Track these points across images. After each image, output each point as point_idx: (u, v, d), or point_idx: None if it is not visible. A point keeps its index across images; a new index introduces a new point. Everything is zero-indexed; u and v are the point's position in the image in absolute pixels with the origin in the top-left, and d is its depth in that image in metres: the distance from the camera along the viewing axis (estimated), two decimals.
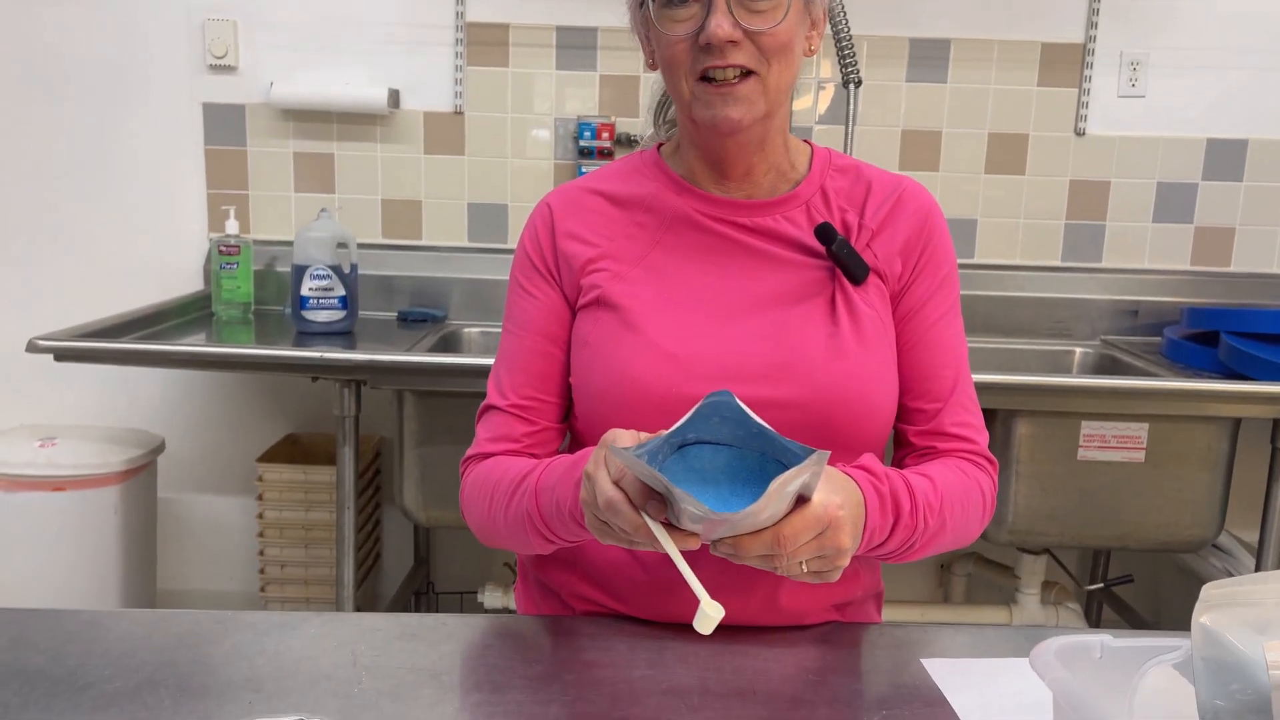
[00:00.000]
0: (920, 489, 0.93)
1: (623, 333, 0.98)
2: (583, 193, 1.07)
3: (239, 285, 2.28)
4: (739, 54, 0.94)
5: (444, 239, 2.45)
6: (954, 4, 2.36)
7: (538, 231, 1.06)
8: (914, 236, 1.04)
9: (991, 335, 2.41)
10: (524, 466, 0.97)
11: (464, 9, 2.35)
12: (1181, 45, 2.37)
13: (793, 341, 0.98)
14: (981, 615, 2.27)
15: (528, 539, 0.96)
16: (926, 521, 0.92)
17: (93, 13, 2.34)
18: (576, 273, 1.03)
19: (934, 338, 1.03)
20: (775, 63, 0.95)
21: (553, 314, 1.04)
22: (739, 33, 0.93)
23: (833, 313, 0.99)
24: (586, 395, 1.01)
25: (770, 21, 0.94)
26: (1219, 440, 1.89)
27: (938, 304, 1.04)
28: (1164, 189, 2.43)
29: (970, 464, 1.02)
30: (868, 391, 0.98)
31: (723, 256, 1.02)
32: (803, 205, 1.03)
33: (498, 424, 1.04)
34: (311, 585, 2.36)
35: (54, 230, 2.42)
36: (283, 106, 2.36)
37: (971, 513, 0.99)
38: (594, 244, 1.03)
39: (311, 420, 2.50)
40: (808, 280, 1.00)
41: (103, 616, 0.93)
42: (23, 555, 2.17)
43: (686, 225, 1.03)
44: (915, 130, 2.42)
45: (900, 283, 1.03)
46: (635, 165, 1.08)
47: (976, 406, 1.06)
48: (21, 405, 2.45)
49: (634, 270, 1.01)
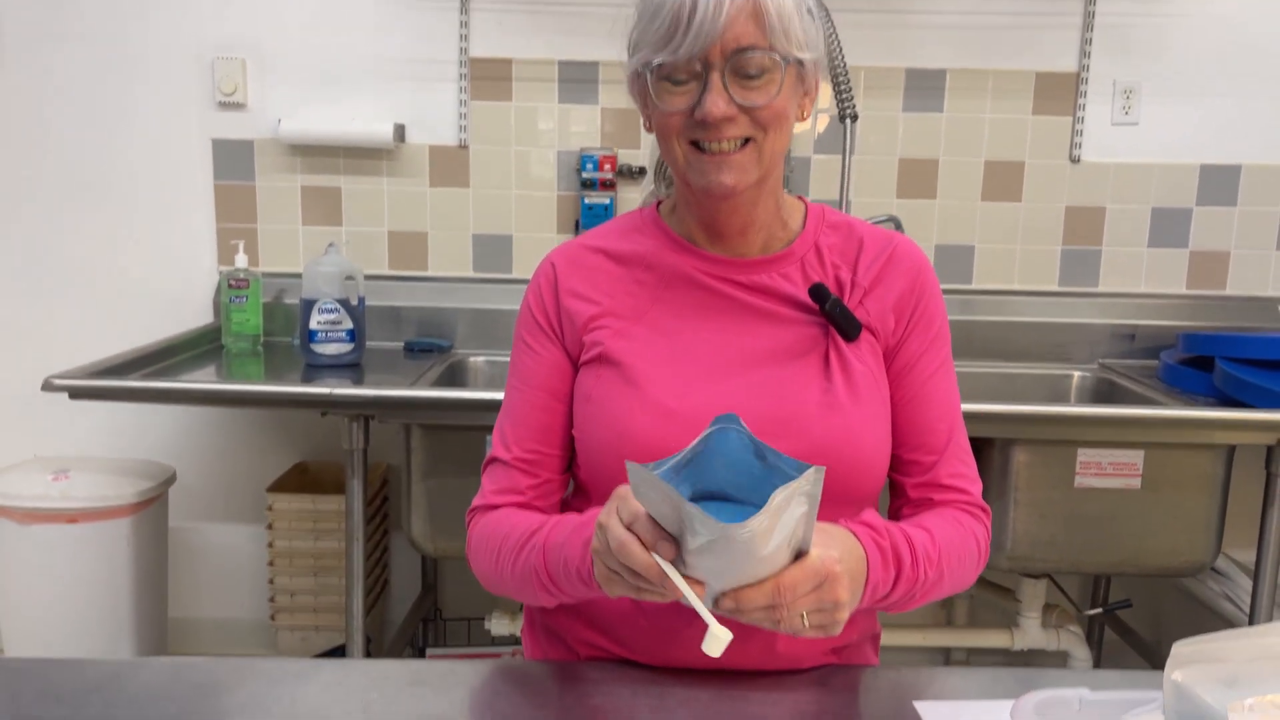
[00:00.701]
0: (920, 542, 0.96)
1: (623, 388, 1.01)
2: (584, 250, 1.10)
3: (248, 318, 2.32)
4: (733, 128, 0.97)
5: (450, 270, 2.49)
6: (949, 35, 2.40)
7: (541, 290, 1.09)
8: (906, 294, 1.06)
9: (991, 360, 2.44)
10: (531, 522, 1.00)
11: (468, 45, 2.40)
12: (1173, 73, 2.41)
13: (788, 396, 1.01)
14: (983, 639, 2.29)
15: (534, 593, 0.99)
16: (926, 573, 0.95)
17: (105, 52, 2.39)
18: (579, 329, 1.06)
19: (928, 393, 1.06)
20: (771, 131, 0.98)
21: (555, 370, 1.07)
22: (734, 109, 0.96)
23: (827, 368, 1.02)
24: (588, 448, 1.04)
25: (765, 97, 0.96)
26: (1214, 466, 1.92)
27: (931, 359, 1.07)
28: (1159, 214, 2.47)
29: (966, 515, 1.05)
30: (861, 445, 1.01)
31: (720, 313, 1.05)
32: (797, 262, 1.06)
33: (502, 477, 1.07)
34: (321, 613, 2.39)
35: (67, 264, 2.47)
36: (291, 142, 2.40)
37: (967, 563, 1.02)
38: (596, 301, 1.06)
39: (320, 449, 2.54)
40: (802, 337, 1.03)
41: (123, 667, 0.96)
42: (37, 587, 2.21)
43: (685, 283, 1.06)
44: (912, 159, 2.45)
45: (893, 339, 1.06)
46: (635, 223, 1.12)
47: (970, 457, 1.09)
48: (35, 437, 2.49)
49: (635, 327, 1.05)
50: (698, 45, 0.94)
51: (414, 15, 2.39)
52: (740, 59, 0.95)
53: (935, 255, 2.48)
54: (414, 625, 2.46)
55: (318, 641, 2.40)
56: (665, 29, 0.95)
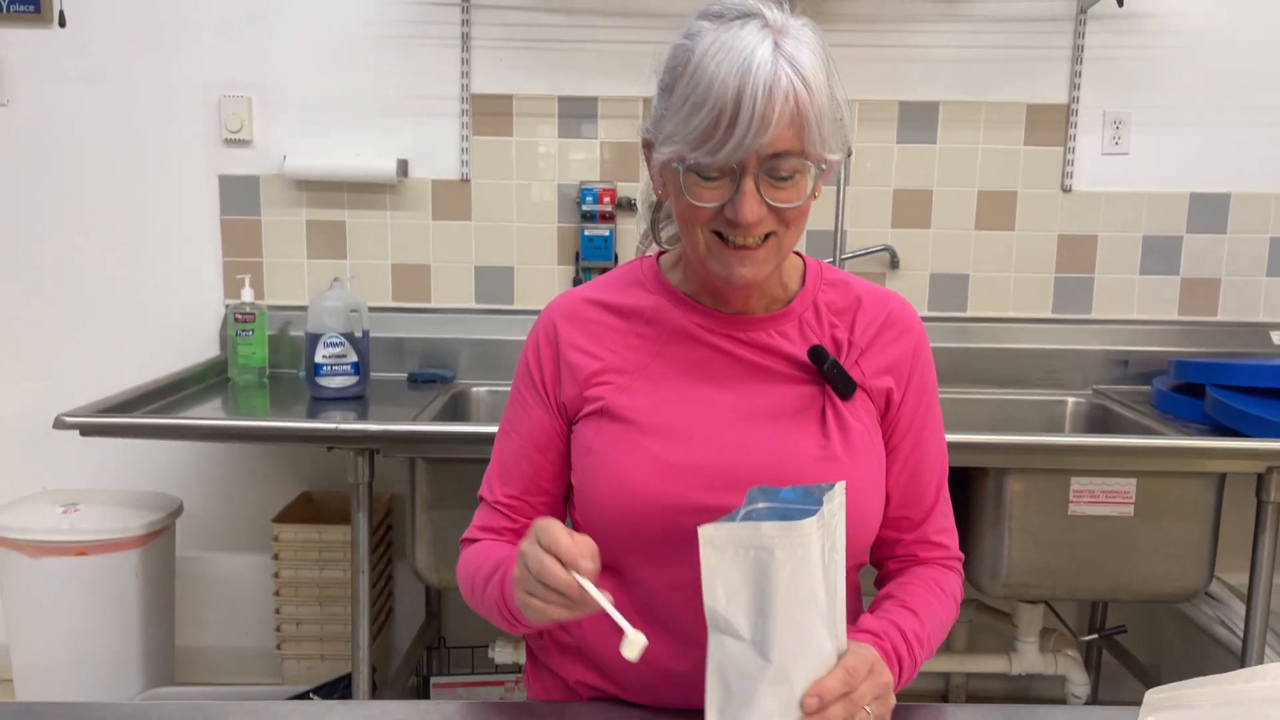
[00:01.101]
0: (911, 630, 1.01)
1: (625, 442, 1.04)
2: (585, 304, 1.12)
3: (254, 351, 2.36)
4: (760, 227, 0.98)
5: (452, 301, 2.53)
6: (941, 69, 2.45)
7: (540, 346, 1.11)
8: (901, 357, 1.09)
9: (986, 386, 2.48)
10: (499, 556, 1.05)
11: (469, 81, 2.44)
12: (1161, 104, 2.45)
13: (785, 452, 1.03)
14: (981, 664, 2.32)
15: (502, 623, 1.03)
16: (918, 657, 1.02)
17: (115, 91, 2.44)
18: (581, 384, 1.08)
19: (921, 453, 1.10)
20: (793, 226, 1.00)
21: (540, 428, 1.10)
22: (765, 211, 0.96)
23: (823, 425, 1.04)
24: (588, 500, 1.06)
25: (795, 198, 0.97)
26: (1206, 493, 1.95)
27: (924, 420, 1.10)
28: (1150, 242, 2.51)
29: (946, 572, 1.11)
30: (855, 501, 1.02)
31: (720, 369, 1.07)
32: (795, 321, 1.09)
33: (486, 515, 1.13)
34: (326, 642, 2.42)
35: (76, 297, 2.51)
36: (295, 177, 2.45)
37: (948, 625, 1.09)
38: (598, 356, 1.08)
39: (325, 479, 2.57)
40: (800, 394, 1.06)
41: (143, 709, 0.99)
42: (47, 618, 2.24)
43: (686, 339, 1.08)
44: (907, 189, 2.50)
45: (887, 399, 1.09)
46: (636, 276, 1.13)
47: (950, 509, 1.15)
48: (45, 470, 2.53)
49: (637, 381, 1.06)
50: (739, 153, 0.93)
51: (416, 53, 2.44)
52: (775, 163, 0.95)
53: (930, 284, 2.52)
54: (418, 654, 2.48)
55: (323, 670, 2.42)
56: (705, 128, 0.93)
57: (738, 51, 0.92)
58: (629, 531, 1.01)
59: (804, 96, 0.93)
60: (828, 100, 0.95)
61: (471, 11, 2.42)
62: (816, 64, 0.95)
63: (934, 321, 2.47)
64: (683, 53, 0.97)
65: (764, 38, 0.93)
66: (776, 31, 0.94)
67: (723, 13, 0.97)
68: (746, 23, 0.95)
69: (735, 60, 0.92)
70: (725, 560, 0.81)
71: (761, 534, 0.80)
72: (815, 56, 0.95)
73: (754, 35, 0.93)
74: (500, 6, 2.42)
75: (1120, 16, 2.41)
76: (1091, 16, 2.42)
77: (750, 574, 0.81)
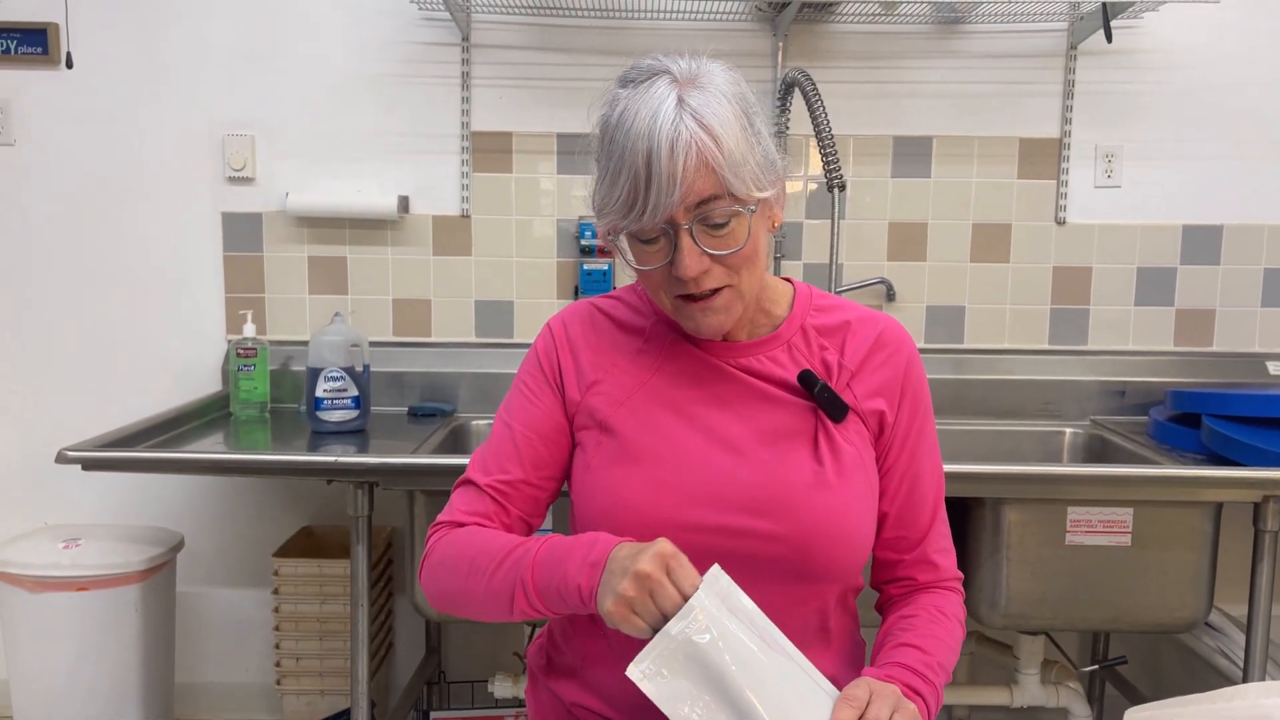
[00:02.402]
0: (918, 662, 1.01)
1: (619, 460, 1.06)
2: (594, 310, 1.16)
3: (256, 386, 2.37)
4: (710, 279, 1.00)
5: (453, 335, 2.55)
6: (935, 104, 2.48)
7: (553, 342, 1.13)
8: (893, 378, 1.11)
9: (984, 418, 2.49)
10: (511, 538, 1.02)
11: (469, 119, 2.48)
12: (1153, 138, 2.48)
13: (778, 476, 1.04)
14: (983, 696, 2.31)
15: (507, 608, 0.99)
16: (936, 682, 1.02)
17: (121, 130, 2.48)
18: (583, 389, 1.10)
19: (916, 472, 1.11)
20: (745, 271, 1.02)
21: (549, 419, 1.11)
22: (707, 261, 0.99)
23: (816, 449, 1.06)
24: (586, 514, 1.08)
25: (735, 244, 0.99)
26: (1203, 523, 1.95)
27: (918, 439, 1.11)
28: (1144, 273, 2.53)
29: (948, 594, 1.12)
30: (847, 525, 1.04)
31: (715, 390, 1.09)
32: (784, 345, 1.11)
33: (474, 499, 1.09)
34: (327, 677, 2.41)
35: (79, 332, 2.53)
36: (298, 214, 2.48)
37: (957, 647, 1.09)
38: (600, 365, 1.11)
39: (325, 513, 2.58)
40: (793, 417, 1.08)
41: None
42: (47, 654, 2.23)
43: (683, 357, 1.11)
44: (902, 222, 2.52)
45: (880, 421, 1.10)
46: (637, 293, 1.17)
47: (948, 528, 1.14)
48: (46, 505, 2.54)
49: (634, 395, 1.09)
50: (659, 213, 0.96)
51: (417, 92, 2.48)
52: (704, 210, 0.97)
53: (926, 316, 2.54)
54: (418, 688, 2.47)
55: (322, 706, 2.41)
56: (625, 198, 0.97)
57: (643, 117, 0.95)
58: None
59: (708, 145, 0.94)
60: (742, 140, 0.97)
61: (471, 51, 2.46)
62: (725, 109, 0.96)
63: (931, 353, 2.48)
64: (604, 123, 1.00)
65: (668, 94, 0.95)
66: (683, 84, 0.97)
67: (634, 77, 1.00)
68: (654, 82, 0.97)
69: (641, 125, 0.95)
70: (666, 682, 0.83)
71: (671, 636, 0.81)
72: (724, 101, 0.96)
73: (659, 94, 0.96)
74: (500, 46, 2.47)
75: (1111, 52, 2.45)
76: (1082, 53, 2.46)
77: (696, 675, 0.82)
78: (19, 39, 2.45)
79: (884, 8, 2.34)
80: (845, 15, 2.42)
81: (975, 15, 2.43)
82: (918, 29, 2.46)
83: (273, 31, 2.46)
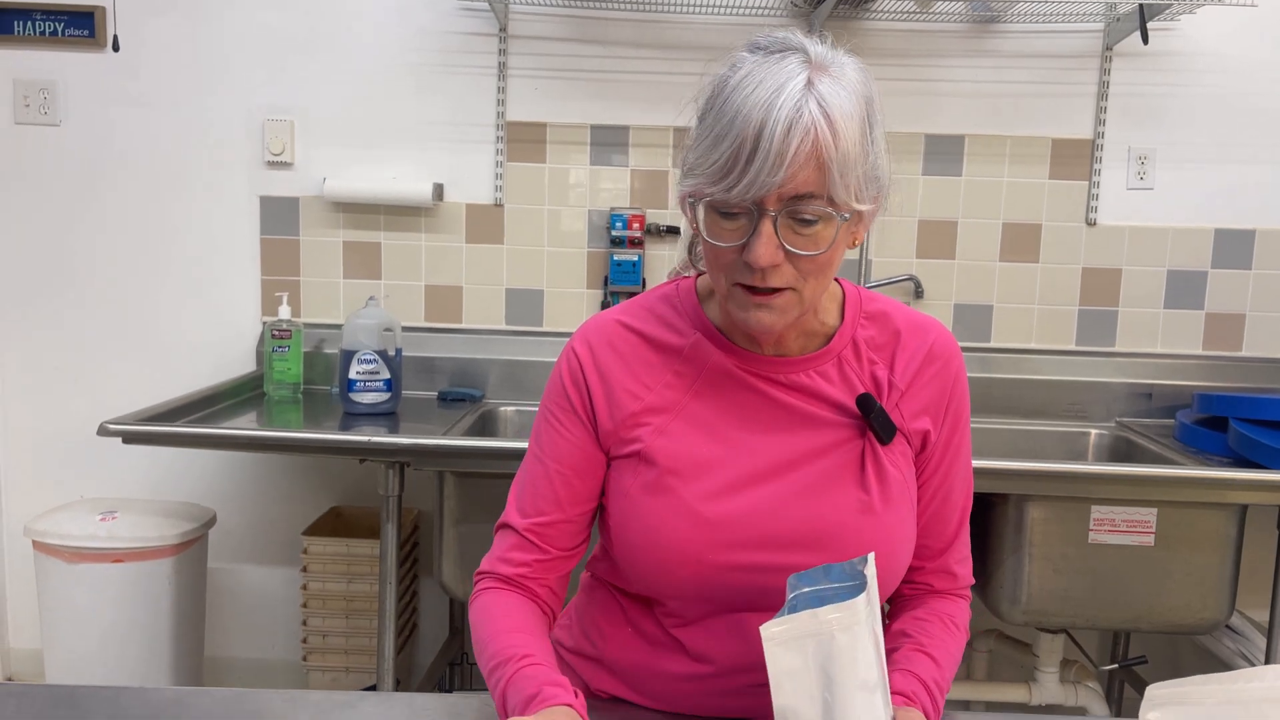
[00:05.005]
0: (933, 679, 1.01)
1: (659, 491, 1.02)
2: (620, 330, 1.07)
3: (289, 367, 2.42)
4: (778, 276, 0.94)
5: (483, 322, 2.59)
6: (968, 103, 2.49)
7: (580, 371, 1.07)
8: (940, 394, 1.07)
9: (1010, 417, 2.49)
10: (512, 646, 1.01)
11: (504, 110, 2.51)
12: (1186, 140, 2.48)
13: (825, 503, 1.01)
14: (1002, 693, 2.32)
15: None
16: (940, 705, 1.01)
17: (163, 113, 2.53)
18: (619, 423, 1.05)
19: (950, 485, 1.09)
20: (814, 279, 0.96)
21: (580, 452, 1.06)
22: (780, 256, 0.92)
23: (862, 473, 1.02)
24: (622, 544, 1.05)
25: (815, 248, 0.93)
26: (1227, 525, 1.95)
27: (955, 454, 1.09)
28: (1174, 276, 2.53)
29: (959, 602, 1.11)
30: (893, 553, 1.02)
31: (758, 413, 1.04)
32: (834, 359, 1.05)
33: (512, 544, 1.07)
34: (352, 655, 2.45)
35: (120, 312, 2.59)
36: (334, 199, 2.52)
37: (960, 658, 1.08)
38: (637, 396, 1.05)
39: (354, 494, 2.62)
40: (839, 439, 1.03)
41: (185, 694, 1.04)
42: (81, 623, 2.29)
43: (724, 380, 1.04)
44: (932, 220, 2.53)
45: (924, 440, 1.07)
46: (673, 304, 1.09)
47: (968, 538, 1.13)
48: (84, 479, 2.60)
49: (673, 422, 1.04)
50: (752, 191, 0.89)
51: (454, 81, 2.51)
52: (796, 206, 0.91)
53: (954, 314, 2.55)
54: (441, 668, 2.51)
55: (348, 683, 2.46)
56: (722, 164, 0.90)
57: (767, 86, 0.89)
58: (661, 577, 1.02)
59: (825, 137, 0.88)
60: (858, 145, 0.91)
61: (509, 41, 2.49)
62: (850, 106, 0.90)
63: None
64: (719, 83, 0.94)
65: (799, 72, 0.90)
66: (816, 68, 0.91)
67: (766, 45, 0.94)
68: (786, 57, 0.92)
69: (762, 95, 0.89)
70: (790, 654, 0.83)
71: (821, 621, 0.82)
72: (852, 98, 0.91)
73: (789, 69, 0.90)
74: (537, 37, 2.50)
75: (1146, 54, 2.44)
76: (1117, 54, 2.46)
77: (814, 662, 0.82)
78: (66, 21, 2.51)
79: (919, 4, 2.35)
80: (880, 12, 2.43)
81: (1010, 15, 2.43)
82: (952, 27, 2.47)
83: (314, 19, 2.50)
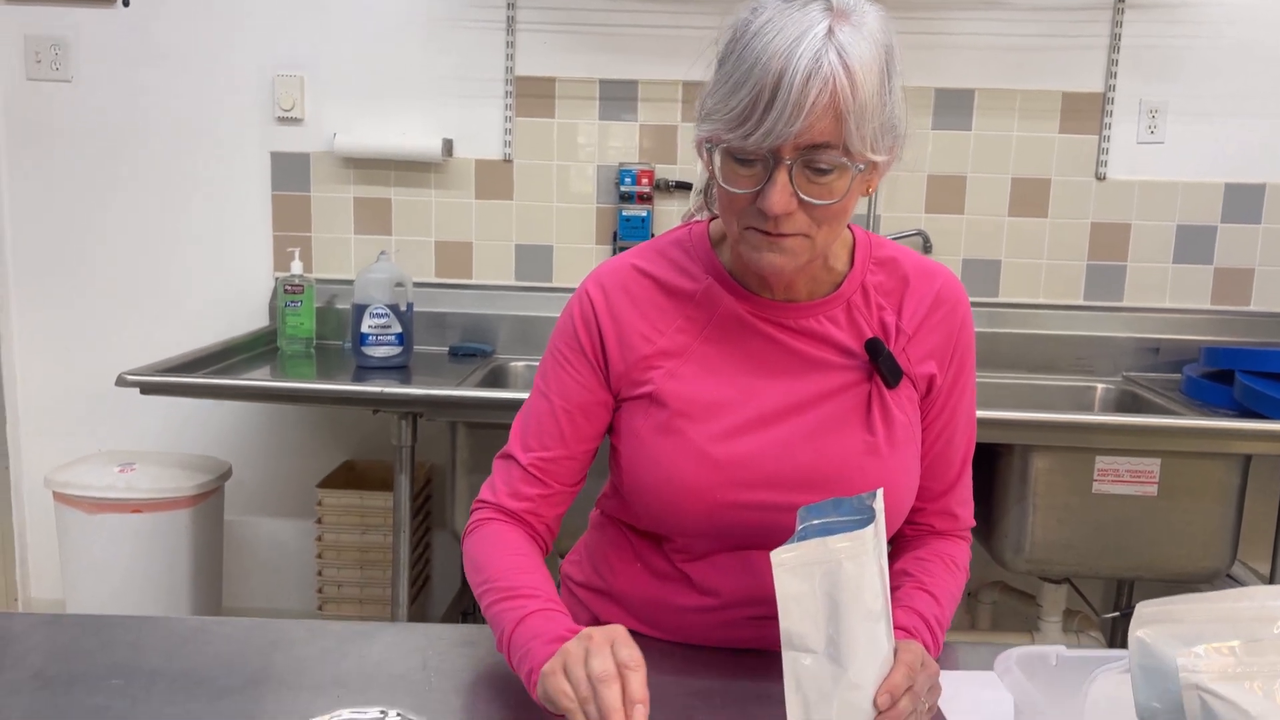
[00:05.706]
0: (934, 616, 1.03)
1: (670, 432, 1.04)
2: (633, 274, 1.09)
3: (302, 321, 2.44)
4: (790, 223, 0.95)
5: (493, 278, 2.61)
6: (977, 56, 2.48)
7: (593, 310, 1.08)
8: (947, 339, 1.09)
9: (1016, 371, 2.51)
10: (519, 577, 1.00)
11: (513, 64, 2.51)
12: (1198, 94, 2.47)
13: (831, 449, 1.04)
14: (1005, 642, 2.34)
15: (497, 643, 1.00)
16: (940, 640, 1.03)
17: (174, 70, 2.54)
18: (630, 365, 1.06)
19: (953, 428, 1.11)
20: (826, 227, 0.97)
21: (588, 394, 1.07)
22: (795, 204, 0.93)
23: (868, 416, 1.05)
24: (633, 483, 1.07)
25: (829, 197, 0.94)
26: (1230, 475, 1.97)
27: (959, 398, 1.11)
28: (1184, 231, 2.53)
29: (960, 543, 1.13)
30: (897, 494, 1.04)
31: (768, 359, 1.06)
32: (843, 304, 1.07)
33: (515, 477, 1.08)
34: (366, 604, 2.50)
35: (134, 268, 2.61)
36: (344, 155, 2.53)
37: (959, 597, 1.10)
38: (649, 339, 1.06)
39: (367, 447, 2.66)
40: (846, 382, 1.06)
41: (208, 623, 1.07)
42: (102, 573, 2.34)
43: (735, 325, 1.06)
44: (941, 175, 2.53)
45: (930, 383, 1.09)
46: (684, 246, 1.10)
47: (970, 480, 1.15)
48: (103, 431, 2.64)
49: (684, 366, 1.05)
50: (769, 139, 0.90)
51: (462, 36, 2.51)
52: (812, 155, 0.91)
53: (963, 268, 2.56)
54: (454, 619, 2.56)
55: None
56: (740, 111, 0.91)
57: (787, 33, 0.89)
58: (670, 515, 1.04)
59: (844, 86, 0.89)
60: (875, 96, 0.91)
61: None
62: (870, 56, 0.91)
63: None
64: (740, 27, 0.94)
65: (820, 21, 0.90)
66: (837, 16, 0.91)
67: None
68: (809, 4, 0.92)
69: (783, 42, 0.89)
70: (798, 580, 0.84)
71: (829, 549, 0.83)
72: (873, 48, 0.91)
73: (811, 17, 0.90)
74: None
75: (1159, 6, 2.43)
76: (1130, 5, 2.44)
77: (821, 589, 0.84)
78: None
79: None
80: None
81: None
82: None
83: None
